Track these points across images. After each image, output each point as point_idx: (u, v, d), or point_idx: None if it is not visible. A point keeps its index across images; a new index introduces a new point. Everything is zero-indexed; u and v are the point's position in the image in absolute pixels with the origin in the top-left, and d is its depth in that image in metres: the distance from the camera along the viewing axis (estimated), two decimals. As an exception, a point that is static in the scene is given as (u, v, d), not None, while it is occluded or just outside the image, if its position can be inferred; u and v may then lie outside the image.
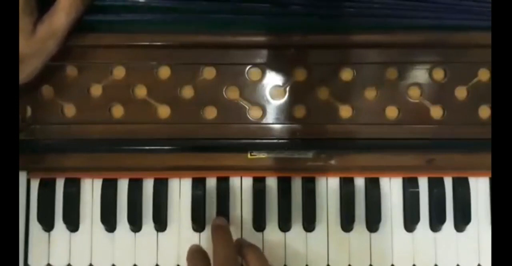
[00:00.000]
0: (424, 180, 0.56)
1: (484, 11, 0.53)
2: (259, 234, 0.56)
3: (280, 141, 0.54)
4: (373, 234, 0.56)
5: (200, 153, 0.56)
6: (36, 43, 0.49)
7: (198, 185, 0.55)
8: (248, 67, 0.54)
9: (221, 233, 0.52)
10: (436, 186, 0.56)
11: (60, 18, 0.49)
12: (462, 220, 0.55)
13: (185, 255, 0.53)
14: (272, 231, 0.56)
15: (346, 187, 0.56)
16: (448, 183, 0.56)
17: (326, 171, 0.56)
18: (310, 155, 0.56)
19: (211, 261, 0.50)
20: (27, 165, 0.55)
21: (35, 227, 0.55)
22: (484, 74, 0.55)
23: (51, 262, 0.55)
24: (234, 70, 0.54)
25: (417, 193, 0.56)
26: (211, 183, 0.56)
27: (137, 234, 0.56)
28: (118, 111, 0.54)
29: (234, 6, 0.54)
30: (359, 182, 0.56)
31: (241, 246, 0.52)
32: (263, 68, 0.55)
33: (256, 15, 0.54)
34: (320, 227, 0.56)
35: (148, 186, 0.56)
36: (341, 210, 0.56)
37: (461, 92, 0.55)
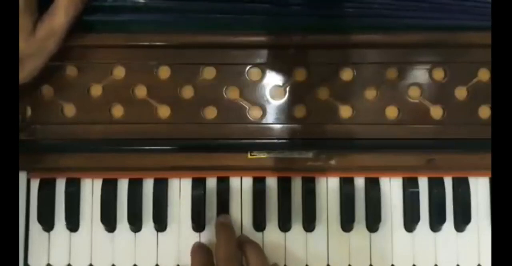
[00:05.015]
0: (424, 180, 0.56)
1: (484, 11, 0.53)
2: (259, 234, 0.56)
3: (280, 141, 0.54)
4: (373, 234, 0.56)
5: (200, 153, 0.56)
6: (36, 42, 0.49)
7: (198, 185, 0.55)
8: (248, 67, 0.54)
9: (224, 230, 0.52)
10: (436, 186, 0.56)
11: (60, 17, 0.49)
12: (462, 220, 0.55)
13: (185, 255, 0.53)
14: (272, 231, 0.56)
15: (346, 187, 0.56)
16: (448, 183, 0.56)
17: (326, 171, 0.56)
18: (310, 155, 0.56)
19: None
20: (27, 165, 0.55)
21: (35, 227, 0.55)
22: (484, 74, 0.55)
23: (51, 262, 0.55)
24: (234, 70, 0.54)
25: (417, 193, 0.56)
26: (211, 183, 0.56)
27: (137, 234, 0.56)
28: (118, 111, 0.54)
29: (234, 6, 0.54)
30: (359, 182, 0.56)
31: (242, 243, 0.53)
32: (263, 68, 0.55)
33: (256, 15, 0.54)
34: (320, 227, 0.56)
35: (148, 186, 0.56)
36: (341, 210, 0.56)
37: (461, 92, 0.55)
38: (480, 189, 0.56)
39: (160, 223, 0.55)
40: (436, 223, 0.55)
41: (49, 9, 0.50)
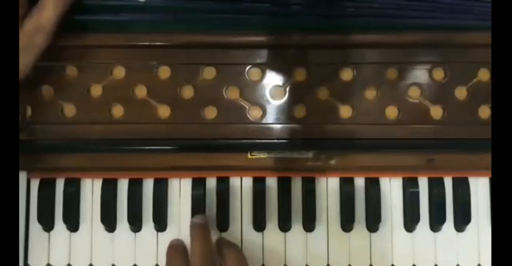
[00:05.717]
0: (424, 180, 0.56)
1: (484, 11, 0.53)
2: (259, 234, 0.56)
3: (280, 141, 0.54)
4: (373, 234, 0.56)
5: (200, 153, 0.56)
6: (24, 38, 0.48)
7: (198, 185, 0.55)
8: (248, 67, 0.55)
9: (199, 231, 0.51)
10: (436, 186, 0.56)
11: (48, 12, 0.49)
12: (462, 220, 0.55)
13: (185, 255, 0.53)
14: (272, 231, 0.56)
15: (346, 187, 0.56)
16: (448, 183, 0.56)
17: (326, 171, 0.56)
18: (310, 155, 0.56)
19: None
20: (27, 165, 0.55)
21: (35, 227, 0.55)
22: (484, 74, 0.55)
23: (51, 262, 0.55)
24: (234, 70, 0.54)
25: (417, 193, 0.56)
26: (211, 183, 0.56)
27: (137, 234, 0.56)
28: (118, 111, 0.54)
29: (234, 6, 0.54)
30: (359, 182, 0.56)
31: (221, 245, 0.52)
32: (263, 68, 0.55)
33: (256, 15, 0.54)
34: (320, 227, 0.56)
35: (148, 186, 0.56)
36: (341, 210, 0.56)
37: (461, 92, 0.55)
38: (480, 189, 0.56)
39: (160, 223, 0.55)
40: (436, 223, 0.55)
41: (37, 4, 0.49)
